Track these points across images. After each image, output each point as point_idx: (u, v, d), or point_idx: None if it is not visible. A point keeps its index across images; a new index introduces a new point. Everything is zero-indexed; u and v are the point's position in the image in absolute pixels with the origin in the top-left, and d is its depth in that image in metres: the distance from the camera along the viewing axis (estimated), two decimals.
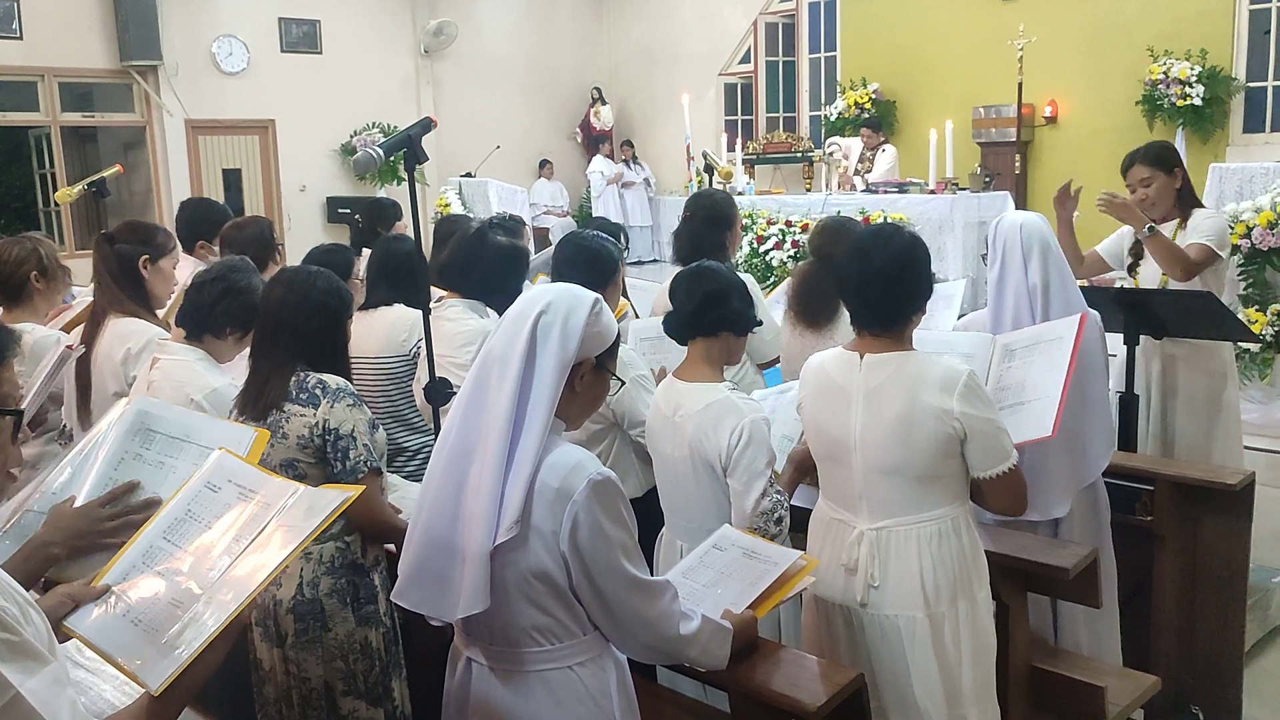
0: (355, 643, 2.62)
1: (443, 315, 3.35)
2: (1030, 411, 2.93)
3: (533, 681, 2.00)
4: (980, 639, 2.54)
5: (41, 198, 11.82)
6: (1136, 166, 4.17)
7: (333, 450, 2.53)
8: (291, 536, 1.75)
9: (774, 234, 9.41)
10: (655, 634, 2.01)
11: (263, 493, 1.92)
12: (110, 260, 3.43)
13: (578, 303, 2.01)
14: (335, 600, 2.60)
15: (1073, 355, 2.93)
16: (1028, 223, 3.20)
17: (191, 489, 1.99)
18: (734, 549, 2.49)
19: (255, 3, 12.16)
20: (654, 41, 14.68)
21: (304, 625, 2.60)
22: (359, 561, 2.65)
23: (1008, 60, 10.04)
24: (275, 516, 1.84)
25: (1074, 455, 3.10)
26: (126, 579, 1.84)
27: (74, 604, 1.81)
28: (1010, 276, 3.20)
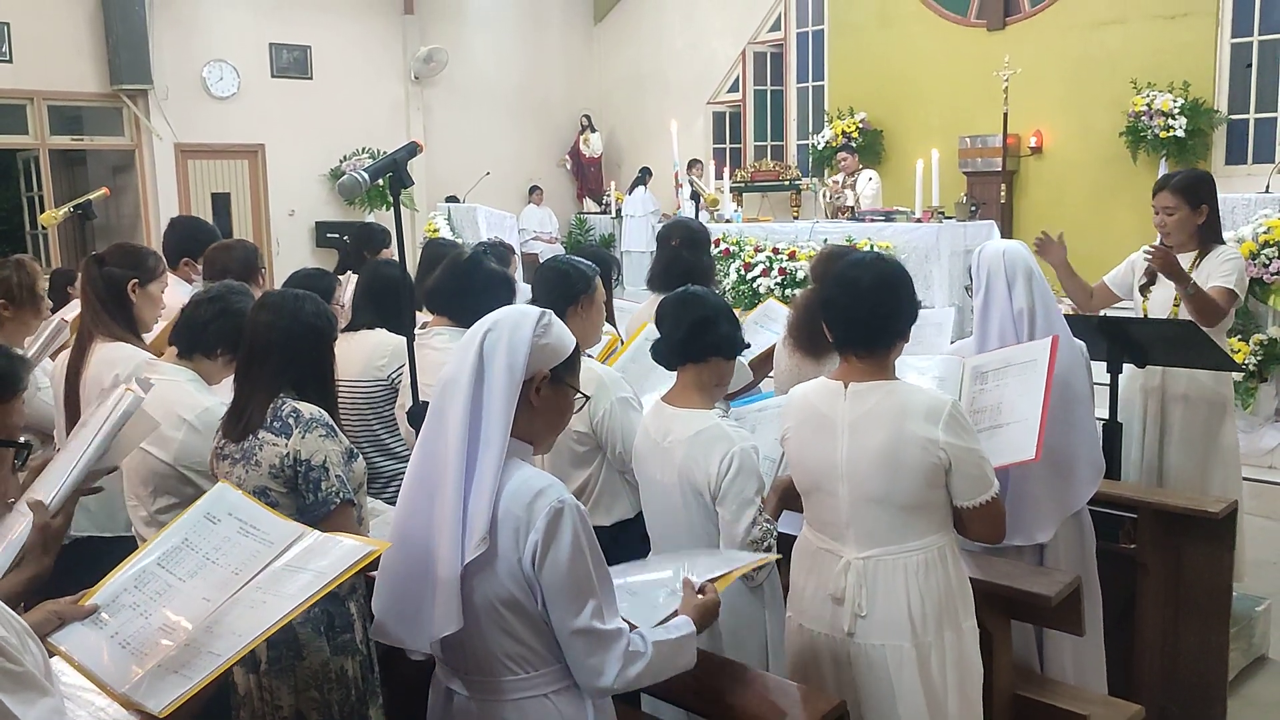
0: (330, 672, 2.59)
1: (428, 343, 3.34)
2: (1010, 434, 2.94)
3: (509, 710, 2.00)
4: (966, 668, 2.54)
5: (29, 220, 11.79)
6: (1165, 193, 4.15)
7: (304, 481, 2.49)
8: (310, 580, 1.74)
9: (761, 261, 9.44)
10: (590, 681, 1.98)
11: (265, 530, 1.91)
12: (98, 282, 3.40)
13: (523, 318, 2.02)
14: (309, 629, 2.57)
15: (1048, 377, 2.95)
16: (1010, 250, 3.23)
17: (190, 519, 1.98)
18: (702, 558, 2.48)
19: (246, 28, 12.21)
20: (643, 69, 14.78)
21: (277, 653, 2.57)
22: (334, 590, 2.62)
23: (993, 91, 10.14)
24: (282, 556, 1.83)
25: (1060, 482, 3.11)
26: (116, 601, 1.83)
27: (60, 621, 1.80)
28: (995, 303, 3.22)
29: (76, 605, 1.84)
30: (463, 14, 14.16)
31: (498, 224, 11.43)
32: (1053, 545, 3.18)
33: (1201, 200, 4.11)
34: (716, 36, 13.96)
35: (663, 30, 14.55)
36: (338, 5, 12.89)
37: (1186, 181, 4.15)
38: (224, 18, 12.04)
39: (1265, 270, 6.19)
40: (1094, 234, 9.96)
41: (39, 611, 1.83)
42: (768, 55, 13.85)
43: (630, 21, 15.04)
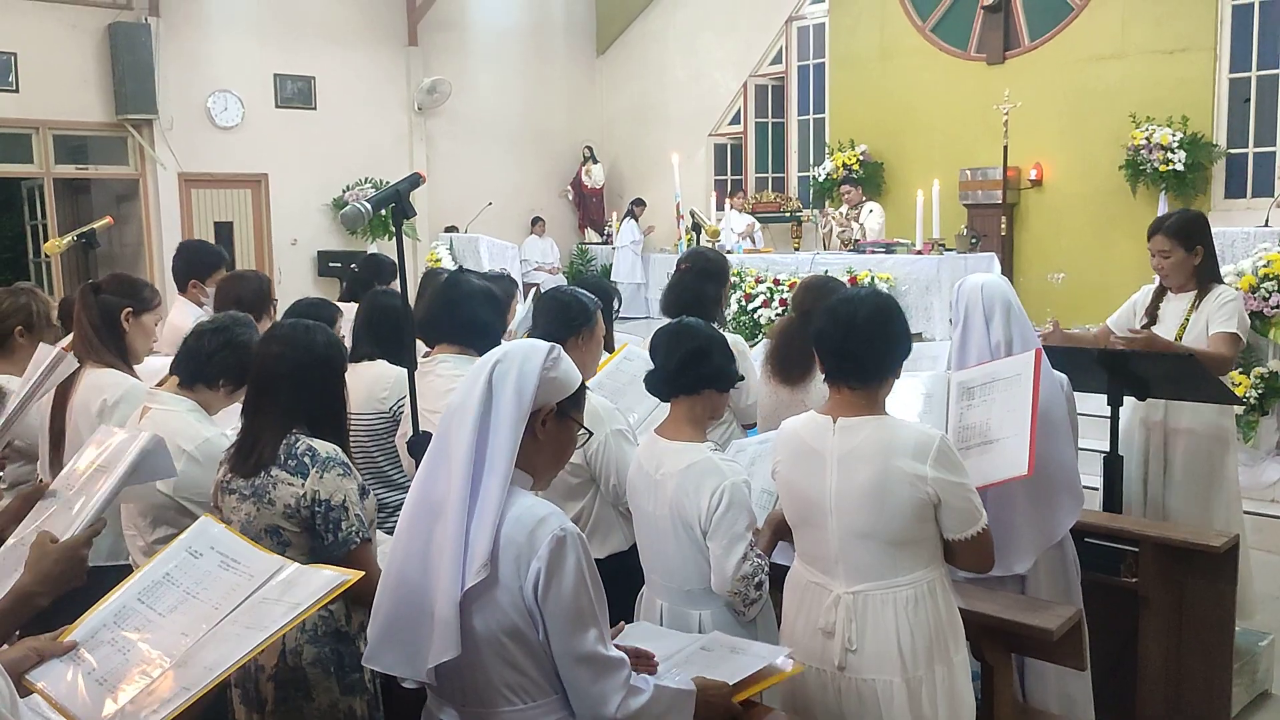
0: (339, 712, 2.55)
1: (433, 370, 3.33)
2: (1001, 450, 2.94)
3: None
4: (957, 702, 2.52)
5: (32, 248, 11.85)
6: (1159, 237, 4.14)
7: (323, 522, 2.45)
8: (283, 612, 1.73)
9: (762, 292, 9.46)
10: (591, 711, 1.97)
11: (246, 564, 1.90)
12: (93, 309, 3.40)
13: (533, 351, 2.03)
14: (318, 669, 2.53)
15: (1034, 391, 2.95)
16: (989, 284, 3.25)
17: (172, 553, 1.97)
18: (721, 648, 2.45)
19: (251, 58, 12.31)
20: (645, 101, 14.88)
21: (284, 694, 2.52)
22: (343, 629, 2.57)
23: (994, 124, 10.19)
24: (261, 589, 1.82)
25: (1039, 511, 3.11)
26: (95, 637, 1.81)
27: (39, 658, 1.78)
28: (972, 336, 3.23)
29: (56, 642, 1.83)
30: (466, 46, 14.28)
31: (500, 254, 11.46)
32: (1034, 575, 3.18)
33: (1196, 241, 4.10)
34: (718, 69, 14.06)
35: (665, 62, 14.66)
36: (342, 36, 13.00)
37: (1180, 224, 4.13)
38: (229, 48, 12.15)
39: (1265, 304, 6.19)
40: (1094, 266, 9.99)
41: (18, 648, 1.81)
42: (769, 88, 13.96)
43: (633, 54, 15.16)
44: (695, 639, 2.52)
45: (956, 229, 9.81)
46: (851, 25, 12.23)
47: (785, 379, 3.84)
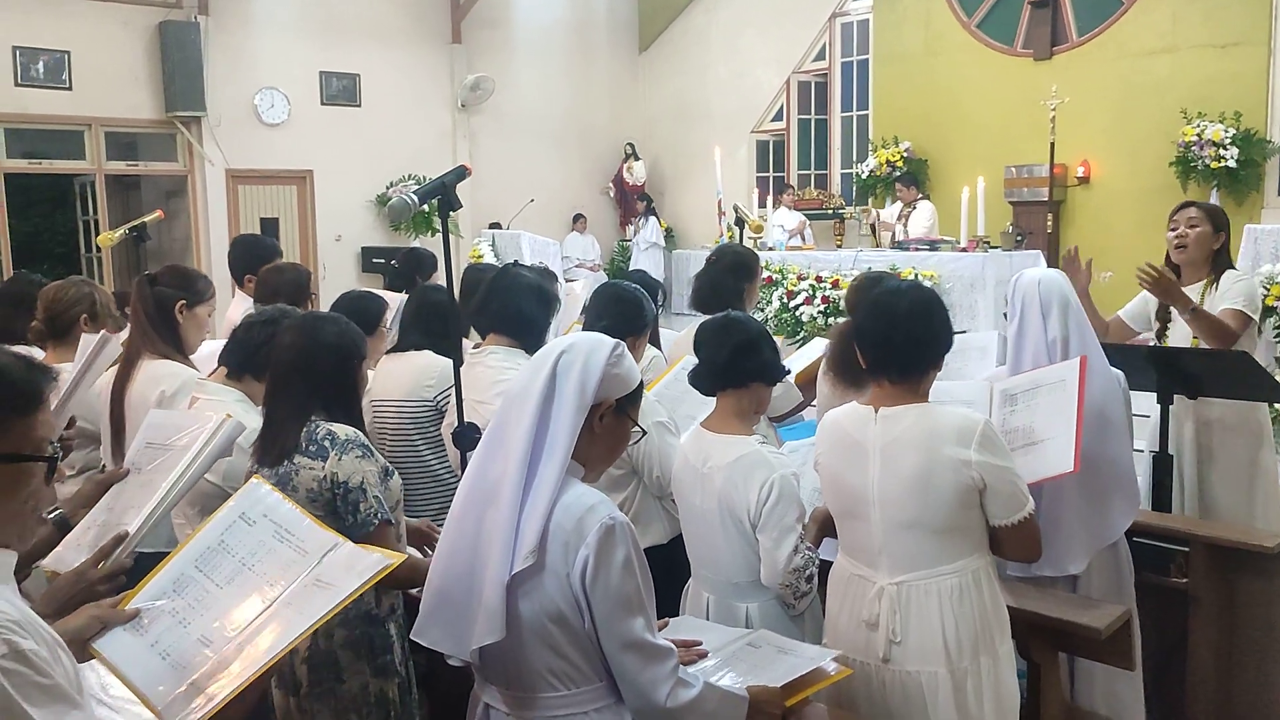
0: (370, 695, 2.60)
1: (483, 361, 3.35)
2: (1046, 449, 2.90)
3: None
4: (1003, 694, 2.50)
5: (84, 243, 12.05)
6: (1192, 208, 4.23)
7: (343, 504, 2.50)
8: (331, 596, 1.75)
9: (804, 289, 9.41)
10: (641, 699, 1.97)
11: (299, 537, 1.92)
12: (148, 301, 3.45)
13: (599, 345, 2.04)
14: (349, 652, 2.58)
15: (1079, 396, 2.91)
16: (1046, 278, 3.20)
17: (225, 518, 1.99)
18: (769, 647, 2.44)
19: (297, 56, 12.44)
20: (688, 98, 14.86)
21: (318, 676, 2.58)
22: (373, 612, 2.62)
23: (1040, 120, 10.07)
24: (314, 568, 1.83)
25: (1094, 512, 3.06)
26: (156, 606, 1.84)
27: (102, 626, 1.81)
28: (1029, 332, 3.19)
29: (118, 610, 1.86)
30: (509, 43, 14.34)
31: (541, 251, 11.50)
32: (1086, 575, 3.13)
33: (1221, 227, 4.20)
34: (761, 66, 14.01)
35: (707, 60, 14.63)
36: (387, 34, 13.10)
37: (1211, 206, 4.31)
38: (276, 46, 12.29)
39: None
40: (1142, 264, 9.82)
41: (81, 615, 1.84)
42: (812, 84, 13.89)
43: (675, 51, 15.15)
44: (742, 634, 2.52)
45: (1001, 226, 9.71)
46: (896, 21, 12.14)
47: (851, 381, 3.82)
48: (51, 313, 3.68)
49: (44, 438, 1.53)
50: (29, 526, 1.58)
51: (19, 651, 1.37)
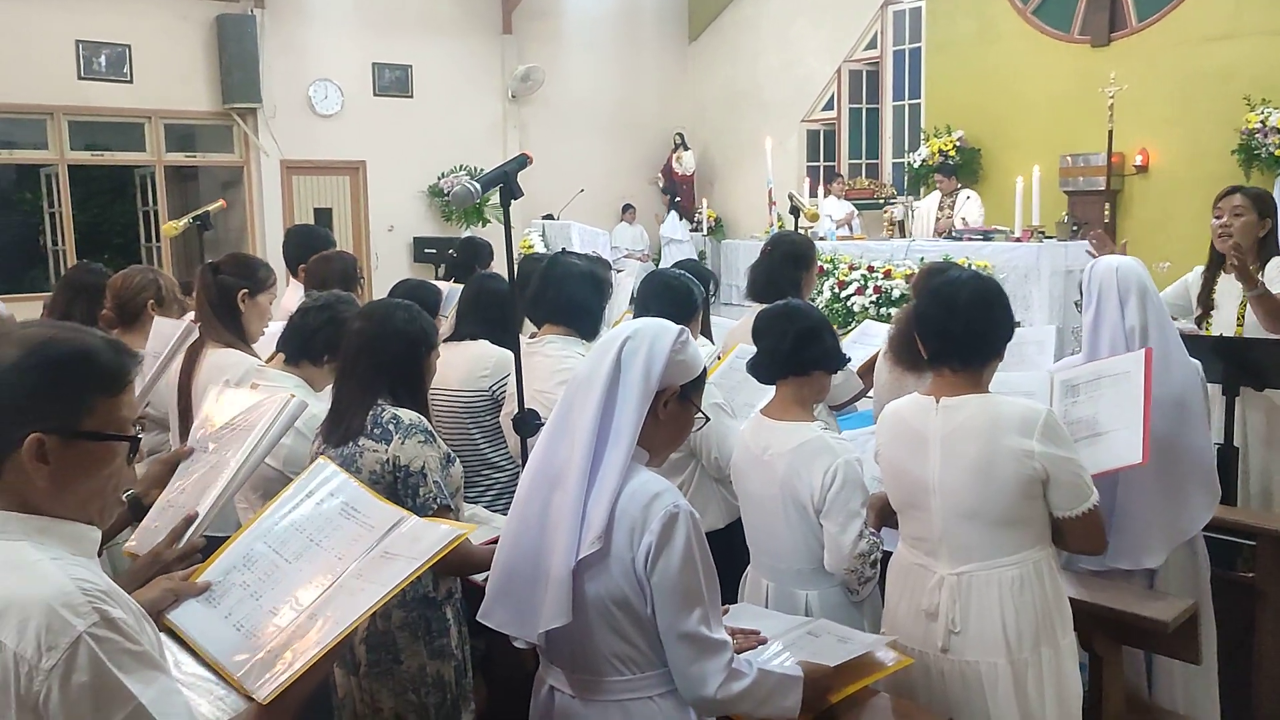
0: (427, 676, 2.64)
1: (540, 350, 3.37)
2: (1112, 440, 2.85)
3: (613, 711, 2.00)
4: (1065, 687, 2.48)
5: (144, 233, 12.27)
6: (1236, 195, 4.20)
7: (403, 487, 2.54)
8: (403, 566, 1.77)
9: (855, 279, 9.35)
10: (691, 690, 1.98)
11: (366, 513, 1.95)
12: (212, 290, 3.51)
13: (663, 331, 2.05)
14: (406, 633, 2.62)
15: (1146, 387, 2.86)
16: (1124, 265, 3.15)
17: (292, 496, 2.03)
18: (828, 635, 2.45)
19: (350, 48, 12.57)
20: (737, 88, 14.80)
21: (376, 656, 2.63)
22: (431, 595, 2.65)
23: (1096, 108, 9.90)
24: (381, 542, 1.86)
25: (1172, 506, 3.00)
26: (226, 579, 1.88)
27: (175, 598, 1.86)
28: (1106, 320, 3.13)
29: (190, 583, 1.90)
30: (560, 33, 14.38)
31: (591, 241, 11.54)
32: (1164, 570, 3.08)
33: (1266, 213, 4.16)
34: (811, 55, 13.91)
35: (757, 49, 14.55)
36: (438, 25, 13.19)
37: (1256, 191, 4.28)
38: (330, 39, 12.42)
39: None
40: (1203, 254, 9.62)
41: (155, 587, 1.89)
42: (863, 73, 13.77)
43: (725, 40, 15.09)
44: (801, 622, 2.52)
45: (1056, 216, 9.57)
46: (949, 9, 11.99)
47: (910, 365, 3.79)
48: (120, 300, 3.76)
49: (127, 419, 1.57)
50: (110, 505, 1.62)
51: (110, 619, 1.41)
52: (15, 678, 1.36)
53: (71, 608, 1.38)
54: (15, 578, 1.41)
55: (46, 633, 1.36)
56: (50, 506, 1.50)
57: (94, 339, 1.55)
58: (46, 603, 1.38)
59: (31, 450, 1.46)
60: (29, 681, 1.36)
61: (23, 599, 1.38)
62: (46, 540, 1.48)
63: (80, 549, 1.52)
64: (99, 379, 1.53)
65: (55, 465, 1.48)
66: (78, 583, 1.42)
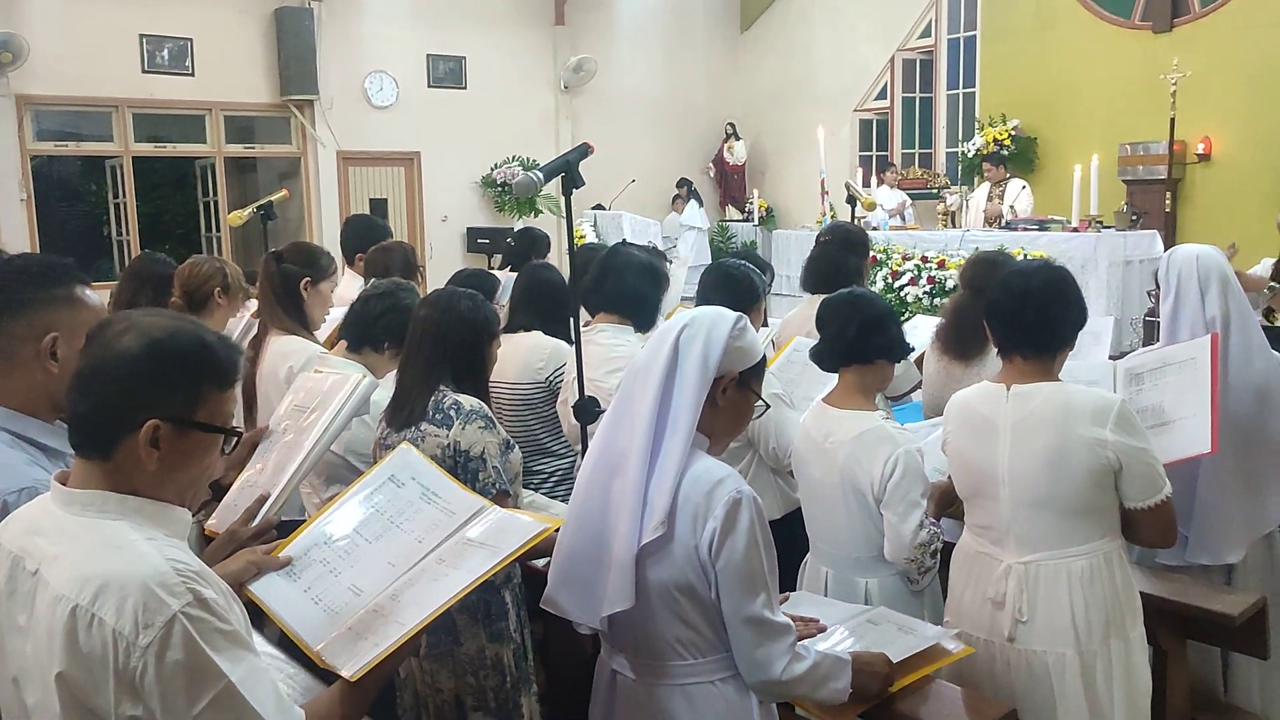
0: (486, 659, 2.67)
1: (593, 339, 3.40)
2: (1181, 429, 2.82)
3: (675, 694, 2.02)
4: (1134, 680, 2.46)
5: (204, 224, 12.48)
6: None
7: (462, 472, 2.57)
8: (490, 555, 1.80)
9: (909, 269, 9.27)
10: (755, 673, 1.99)
11: (447, 499, 1.98)
12: (275, 278, 3.58)
13: (721, 318, 2.06)
14: (466, 616, 2.65)
15: (1212, 374, 2.82)
16: (1204, 254, 3.09)
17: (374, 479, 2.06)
18: (888, 624, 2.45)
19: (406, 39, 12.67)
20: (789, 77, 14.70)
21: (436, 638, 2.66)
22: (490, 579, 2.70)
23: (1157, 95, 9.72)
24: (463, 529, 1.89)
25: (1253, 499, 2.96)
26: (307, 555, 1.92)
27: (257, 570, 1.91)
28: (1185, 309, 3.08)
29: (272, 556, 1.95)
30: (611, 24, 14.38)
31: (642, 231, 11.53)
32: (1242, 566, 3.03)
33: None
34: (864, 44, 13.79)
35: (809, 38, 14.44)
36: (492, 16, 13.25)
37: None
38: (385, 30, 12.52)
39: None
40: (1268, 245, 9.40)
41: (238, 560, 1.94)
42: (917, 62, 13.62)
43: (776, 30, 14.99)
44: (861, 610, 2.52)
45: (1114, 206, 9.41)
46: None
47: (958, 355, 3.78)
48: (188, 288, 3.84)
49: (230, 412, 1.63)
50: (201, 491, 1.69)
51: (203, 599, 1.45)
52: (114, 653, 1.40)
53: (167, 587, 1.43)
54: (115, 557, 1.46)
55: (143, 611, 1.41)
56: (152, 490, 1.55)
57: (210, 334, 1.61)
58: (144, 582, 1.42)
59: (148, 435, 1.51)
60: (126, 658, 1.40)
61: (122, 578, 1.43)
62: (143, 521, 1.53)
63: (174, 530, 1.57)
64: (213, 372, 1.58)
65: (165, 451, 1.53)
66: (173, 563, 1.46)
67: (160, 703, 1.41)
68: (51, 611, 1.44)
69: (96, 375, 1.52)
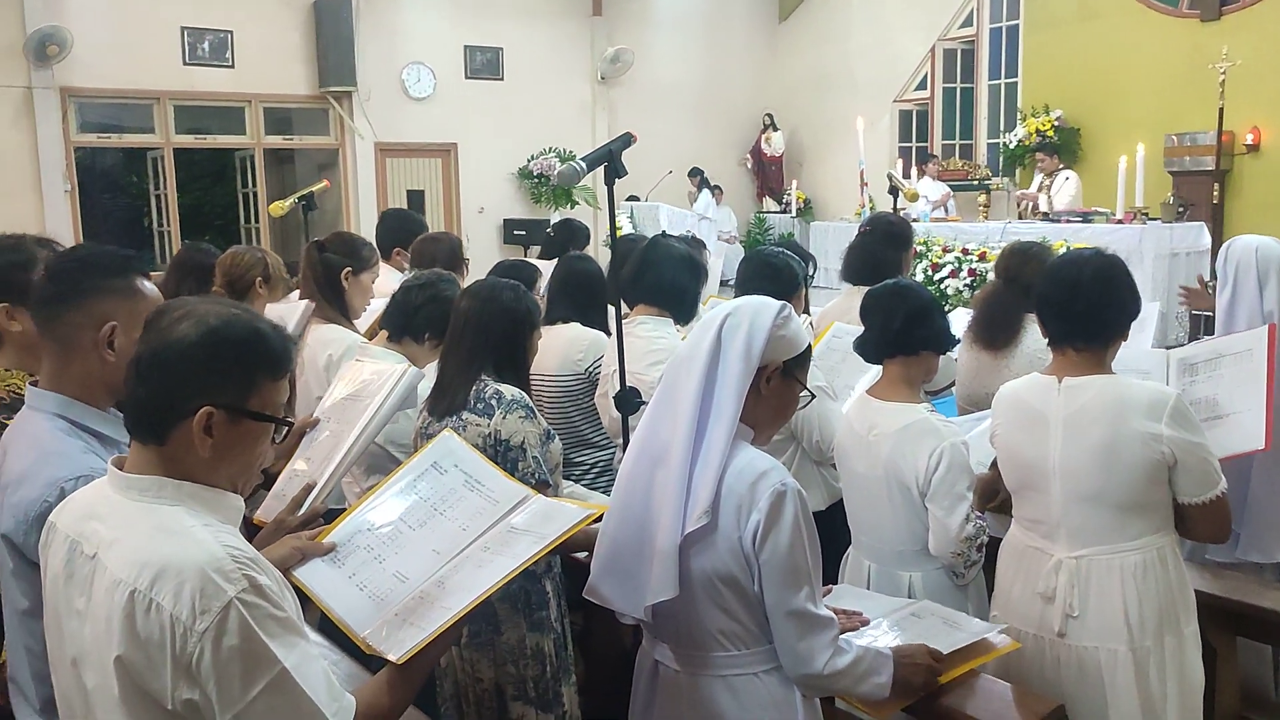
0: (527, 648, 2.68)
1: (633, 332, 3.38)
2: (1234, 424, 2.76)
3: (718, 685, 2.01)
4: (1187, 677, 2.42)
5: (243, 215, 12.60)
6: None
7: (502, 461, 2.57)
8: (534, 541, 1.80)
9: (949, 261, 9.17)
10: (798, 666, 1.98)
11: (490, 487, 1.98)
12: (317, 267, 3.60)
13: (764, 307, 2.04)
14: (507, 605, 2.66)
15: (1269, 366, 2.75)
16: (1264, 245, 3.03)
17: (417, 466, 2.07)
18: (933, 618, 2.43)
19: (443, 31, 12.71)
20: (827, 68, 14.59)
21: (476, 627, 2.67)
22: (530, 568, 2.69)
23: (1204, 85, 9.54)
24: (506, 517, 1.89)
25: None
26: (351, 541, 1.93)
27: (302, 556, 1.92)
28: (1243, 301, 3.03)
29: (317, 542, 1.96)
30: (649, 15, 14.34)
31: (679, 222, 11.51)
32: None
33: None
34: (904, 34, 13.65)
35: (848, 28, 14.32)
36: (529, 8, 13.26)
37: None
38: (423, 22, 12.57)
39: None
40: None
41: (283, 545, 1.95)
42: (958, 52, 13.49)
43: (815, 20, 14.88)
44: (905, 604, 2.50)
45: (1160, 197, 9.26)
46: None
47: (988, 344, 3.73)
48: (230, 277, 3.87)
49: (282, 402, 1.64)
50: (253, 478, 1.69)
51: (258, 586, 1.46)
52: (171, 638, 1.41)
53: (223, 573, 1.43)
54: (172, 542, 1.47)
55: (200, 597, 1.41)
56: (205, 476, 1.56)
57: (264, 322, 1.62)
58: (201, 567, 1.43)
59: (202, 422, 1.52)
60: (183, 643, 1.41)
61: (179, 563, 1.44)
62: (198, 507, 1.54)
63: (227, 517, 1.58)
64: (267, 361, 1.59)
65: (218, 438, 1.54)
66: (228, 549, 1.47)
67: (216, 687, 1.42)
68: (110, 595, 1.46)
69: (153, 361, 1.53)
